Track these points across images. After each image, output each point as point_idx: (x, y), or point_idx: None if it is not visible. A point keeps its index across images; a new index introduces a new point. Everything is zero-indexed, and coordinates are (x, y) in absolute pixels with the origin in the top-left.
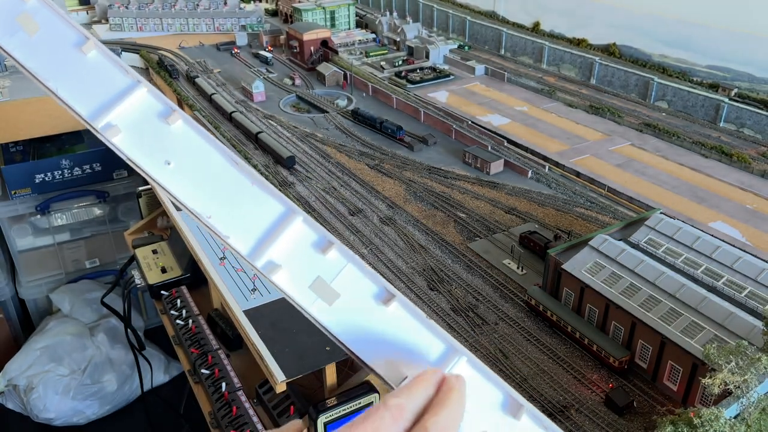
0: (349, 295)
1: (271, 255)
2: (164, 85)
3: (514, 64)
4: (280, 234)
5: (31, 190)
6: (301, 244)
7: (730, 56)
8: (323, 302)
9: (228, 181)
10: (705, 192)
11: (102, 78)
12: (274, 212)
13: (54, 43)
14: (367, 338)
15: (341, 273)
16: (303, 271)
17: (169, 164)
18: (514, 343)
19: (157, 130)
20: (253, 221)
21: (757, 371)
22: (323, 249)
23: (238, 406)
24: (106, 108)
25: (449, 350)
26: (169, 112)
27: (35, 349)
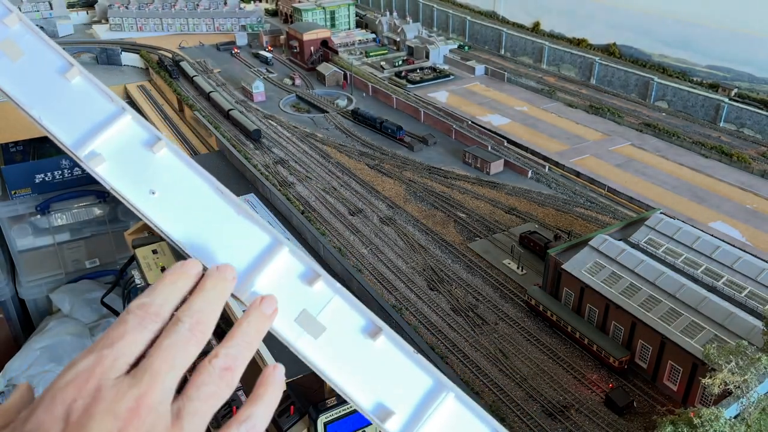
0: (336, 328)
1: (256, 286)
2: (164, 84)
3: (514, 64)
4: (266, 265)
5: (31, 190)
6: (287, 276)
7: (730, 56)
8: (309, 336)
9: (213, 211)
10: (705, 192)
11: (86, 105)
12: (260, 243)
13: (38, 70)
14: (353, 374)
15: (328, 305)
16: (289, 304)
17: (153, 194)
18: (514, 343)
19: (141, 159)
20: (238, 252)
21: (757, 371)
22: (310, 281)
23: (238, 406)
24: (89, 136)
25: (437, 386)
26: (154, 140)
27: (35, 349)
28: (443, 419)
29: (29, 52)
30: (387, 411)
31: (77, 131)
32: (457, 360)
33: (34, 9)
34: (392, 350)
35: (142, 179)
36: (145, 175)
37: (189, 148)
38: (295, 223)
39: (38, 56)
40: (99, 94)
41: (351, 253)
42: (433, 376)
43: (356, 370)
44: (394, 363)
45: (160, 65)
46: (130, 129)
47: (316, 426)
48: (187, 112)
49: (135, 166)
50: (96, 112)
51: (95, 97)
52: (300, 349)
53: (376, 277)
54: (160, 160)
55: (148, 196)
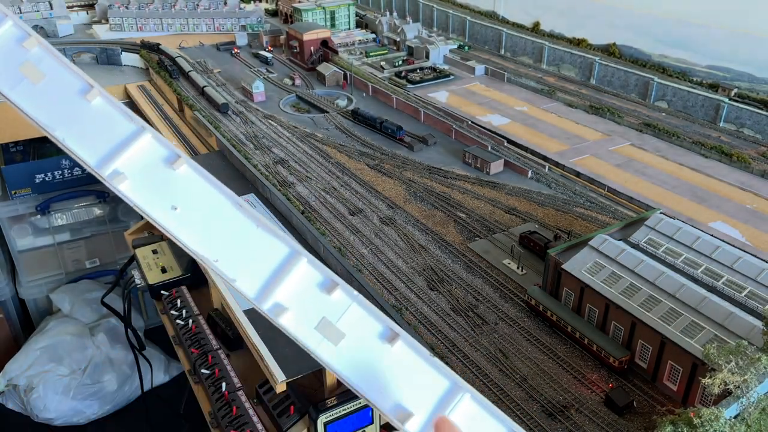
0: (355, 335)
1: (277, 297)
2: (164, 84)
3: (514, 64)
4: (286, 276)
5: (31, 190)
6: (306, 286)
7: (730, 56)
8: (329, 343)
9: (234, 224)
10: (705, 192)
11: (107, 125)
12: (280, 254)
13: (59, 92)
14: (373, 378)
15: (346, 313)
16: (309, 313)
17: (175, 209)
18: (514, 343)
19: (163, 176)
20: (259, 264)
21: (757, 371)
22: (328, 289)
23: (238, 406)
24: (112, 156)
25: (453, 387)
26: (174, 157)
27: (35, 349)
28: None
29: (49, 74)
30: (406, 413)
31: (100, 151)
32: (457, 360)
33: (34, 9)
34: (409, 354)
35: (164, 196)
36: (166, 192)
37: (189, 148)
38: (295, 223)
39: (58, 78)
40: (119, 114)
41: (351, 253)
42: (449, 377)
43: (375, 374)
44: (412, 366)
45: (160, 65)
46: (150, 147)
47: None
48: (187, 112)
49: (157, 183)
50: (117, 132)
51: (115, 117)
52: (321, 356)
53: (376, 277)
54: (181, 177)
55: (170, 212)
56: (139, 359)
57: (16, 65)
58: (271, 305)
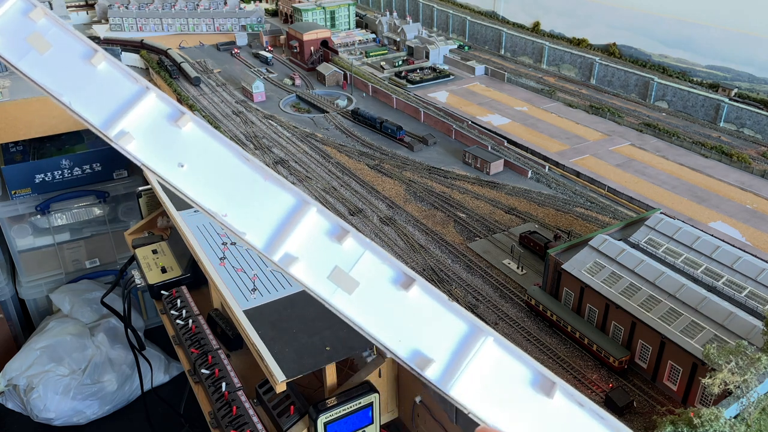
0: (369, 282)
1: (287, 248)
2: (164, 85)
3: (514, 64)
4: (295, 226)
5: (31, 190)
6: (316, 235)
7: (730, 56)
8: (344, 292)
9: (241, 178)
10: (705, 192)
11: (112, 87)
12: (288, 205)
13: (65, 59)
14: (390, 325)
15: (359, 261)
16: (321, 262)
17: (182, 166)
18: (514, 342)
19: (168, 134)
20: (267, 216)
21: (757, 371)
22: (339, 238)
23: (238, 406)
24: (117, 116)
25: (474, 331)
26: (178, 114)
27: (35, 349)
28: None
29: (56, 43)
30: (426, 359)
31: (106, 113)
32: None
33: None
34: (426, 299)
35: (170, 153)
36: (173, 149)
37: None
38: None
39: (64, 46)
40: (123, 76)
41: None
42: (469, 321)
43: (392, 321)
44: (429, 311)
45: (160, 65)
46: (155, 106)
47: (316, 426)
48: None
49: (163, 141)
50: (122, 93)
51: (120, 79)
52: (335, 305)
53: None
54: (186, 134)
55: (177, 169)
56: (139, 359)
57: (23, 37)
58: (281, 256)
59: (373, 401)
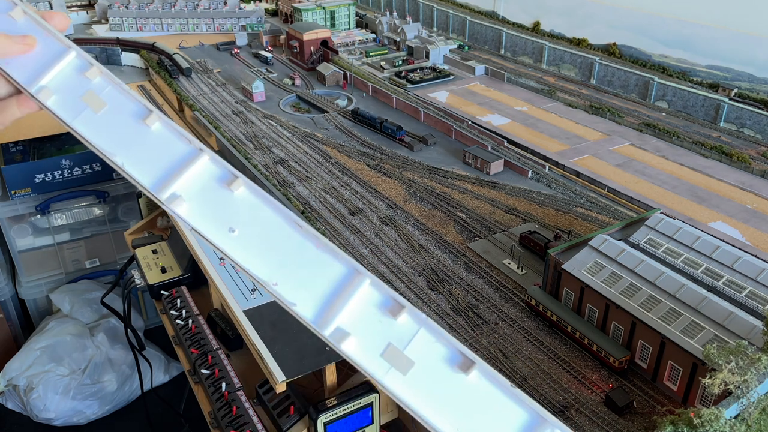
0: (425, 362)
1: (339, 322)
2: (164, 84)
3: (514, 64)
4: (348, 299)
5: (31, 190)
6: (369, 309)
7: (730, 56)
8: (397, 372)
9: (292, 245)
10: (705, 192)
11: (165, 149)
12: (340, 275)
13: (119, 118)
14: (447, 411)
15: (414, 338)
16: (374, 338)
17: (233, 231)
18: (514, 343)
19: (220, 198)
20: (319, 287)
21: (757, 371)
22: (393, 312)
23: (238, 406)
24: (169, 178)
25: (537, 421)
26: (231, 178)
27: (35, 349)
28: None
29: (110, 102)
30: None
31: (157, 174)
32: None
33: None
34: (486, 385)
35: (221, 218)
36: (224, 214)
37: None
38: None
39: (119, 105)
40: (176, 137)
41: (351, 253)
42: (533, 411)
43: (449, 406)
44: (490, 398)
45: (160, 65)
46: (208, 169)
47: (316, 426)
48: (187, 112)
49: (215, 205)
50: (175, 155)
51: (173, 140)
52: (388, 386)
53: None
54: (239, 198)
55: (228, 235)
56: (139, 359)
57: (78, 95)
58: (333, 330)
59: (373, 401)
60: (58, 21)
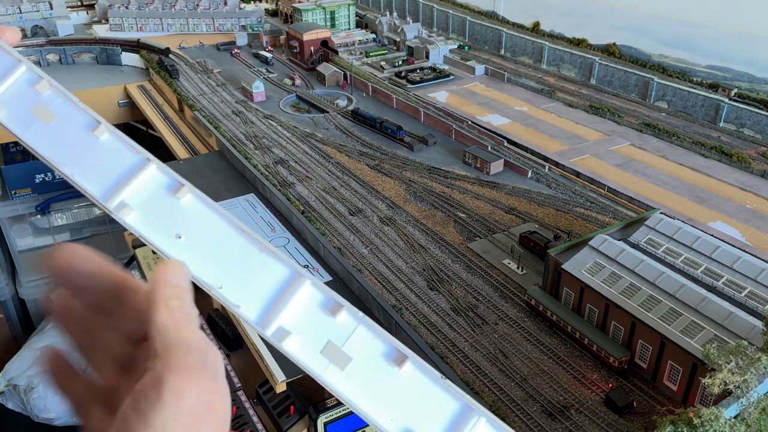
0: (362, 358)
1: (281, 321)
2: (164, 84)
3: (514, 64)
4: (289, 299)
5: (31, 190)
6: (310, 308)
7: (730, 56)
8: (336, 367)
9: (237, 250)
10: (705, 192)
11: (113, 159)
12: (282, 277)
13: (68, 130)
14: (381, 402)
15: (352, 335)
16: (314, 336)
17: (180, 238)
18: (514, 343)
19: (167, 206)
20: (262, 289)
21: (757, 371)
22: (333, 311)
23: (238, 406)
24: (118, 187)
25: (467, 411)
26: (177, 186)
27: (35, 349)
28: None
29: (60, 114)
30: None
31: (106, 184)
32: (457, 360)
33: (34, 9)
34: (419, 377)
35: (168, 225)
36: (171, 220)
37: (189, 148)
38: (295, 223)
39: (68, 117)
40: (125, 147)
41: (351, 253)
42: (462, 401)
43: (384, 398)
44: (422, 389)
45: (160, 65)
46: (155, 177)
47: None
48: (187, 112)
49: (161, 212)
50: (123, 164)
51: (121, 150)
52: (327, 381)
53: (376, 277)
54: (185, 205)
55: (175, 241)
56: None
57: (29, 108)
58: (274, 330)
59: None
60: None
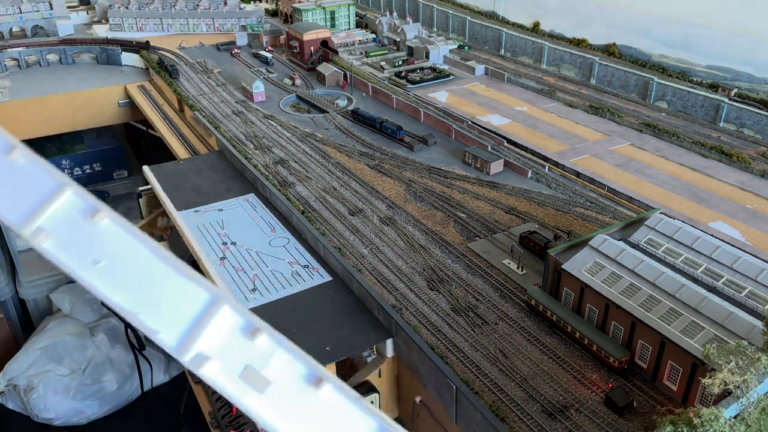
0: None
1: (199, 347)
2: (164, 84)
3: (514, 64)
4: (208, 324)
5: None
6: (229, 333)
7: (730, 56)
8: (254, 391)
9: (156, 274)
10: (705, 192)
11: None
12: (202, 302)
13: None
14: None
15: (271, 359)
16: (232, 361)
17: (98, 263)
18: (514, 343)
19: (84, 230)
20: (181, 314)
21: (756, 371)
22: (252, 335)
23: None
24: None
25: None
26: (95, 210)
27: (35, 349)
28: None
29: None
30: None
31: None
32: (457, 360)
33: (34, 9)
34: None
35: (86, 250)
36: (88, 246)
37: (189, 148)
38: (295, 223)
39: None
40: (41, 171)
41: (351, 253)
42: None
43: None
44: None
45: (160, 65)
46: (72, 202)
47: None
48: (187, 112)
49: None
50: (39, 189)
51: (38, 174)
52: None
53: (376, 277)
54: (103, 229)
55: (92, 267)
56: (139, 359)
57: None
58: (193, 356)
59: (373, 401)
60: None
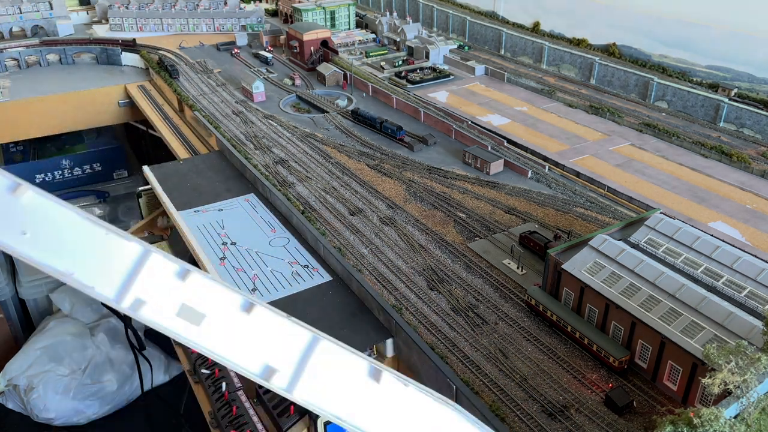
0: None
1: (135, 294)
2: (164, 84)
3: (514, 64)
4: (140, 272)
5: None
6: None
7: (730, 56)
8: (192, 325)
9: (83, 235)
10: (705, 192)
11: None
12: (132, 254)
13: None
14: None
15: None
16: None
17: (25, 234)
18: (514, 343)
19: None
20: (113, 267)
21: (756, 371)
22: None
23: (238, 406)
24: None
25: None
26: (15, 185)
27: (35, 349)
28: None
29: None
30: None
31: None
32: (457, 360)
33: (34, 9)
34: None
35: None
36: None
37: (189, 148)
38: (295, 223)
39: None
40: None
41: (351, 253)
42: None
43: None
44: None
45: (160, 65)
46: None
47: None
48: (187, 112)
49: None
50: None
51: None
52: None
53: (376, 277)
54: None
55: (21, 238)
56: (139, 359)
57: None
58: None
59: None
60: None
